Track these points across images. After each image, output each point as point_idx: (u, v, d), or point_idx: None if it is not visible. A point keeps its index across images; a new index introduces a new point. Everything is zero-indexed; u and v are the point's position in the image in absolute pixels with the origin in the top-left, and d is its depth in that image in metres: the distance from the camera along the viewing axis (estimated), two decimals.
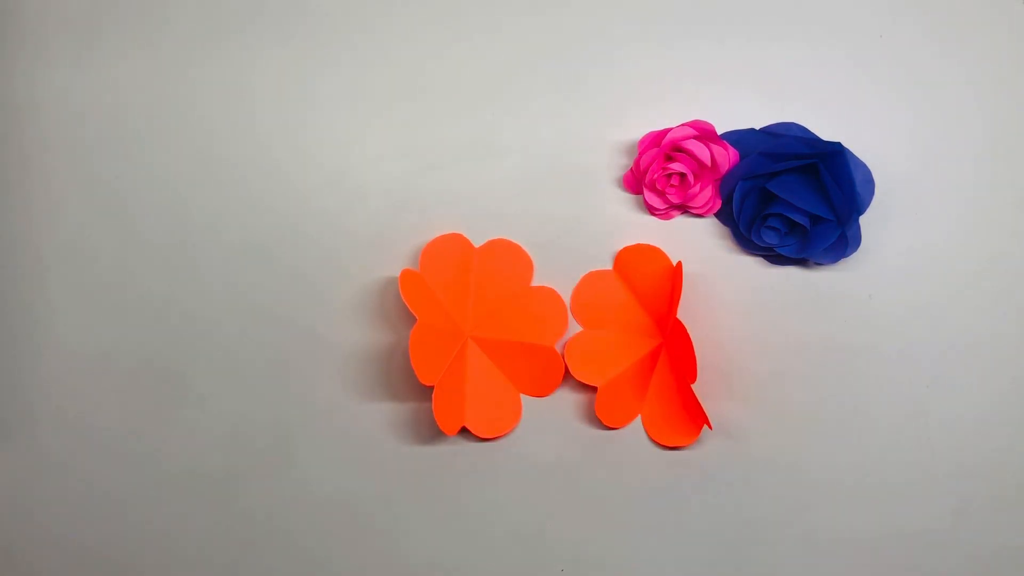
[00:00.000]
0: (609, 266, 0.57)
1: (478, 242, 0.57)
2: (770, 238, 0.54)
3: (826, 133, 0.54)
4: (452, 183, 0.57)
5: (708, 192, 0.55)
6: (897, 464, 0.55)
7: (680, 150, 0.54)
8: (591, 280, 0.57)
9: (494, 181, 0.57)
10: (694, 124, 0.54)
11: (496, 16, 0.57)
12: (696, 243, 0.56)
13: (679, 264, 0.54)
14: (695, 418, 0.54)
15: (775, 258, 0.56)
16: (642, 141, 0.55)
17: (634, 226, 0.57)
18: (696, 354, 0.52)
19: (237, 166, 0.58)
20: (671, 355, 0.55)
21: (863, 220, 0.54)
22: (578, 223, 0.57)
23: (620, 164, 0.57)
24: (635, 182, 0.56)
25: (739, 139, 0.55)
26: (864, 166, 0.53)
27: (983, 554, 0.54)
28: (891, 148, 0.55)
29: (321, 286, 0.57)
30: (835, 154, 0.53)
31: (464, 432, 0.56)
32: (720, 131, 0.55)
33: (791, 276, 0.56)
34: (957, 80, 0.55)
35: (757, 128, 0.55)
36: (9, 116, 0.58)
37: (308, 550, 0.57)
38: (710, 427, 0.54)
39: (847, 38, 0.55)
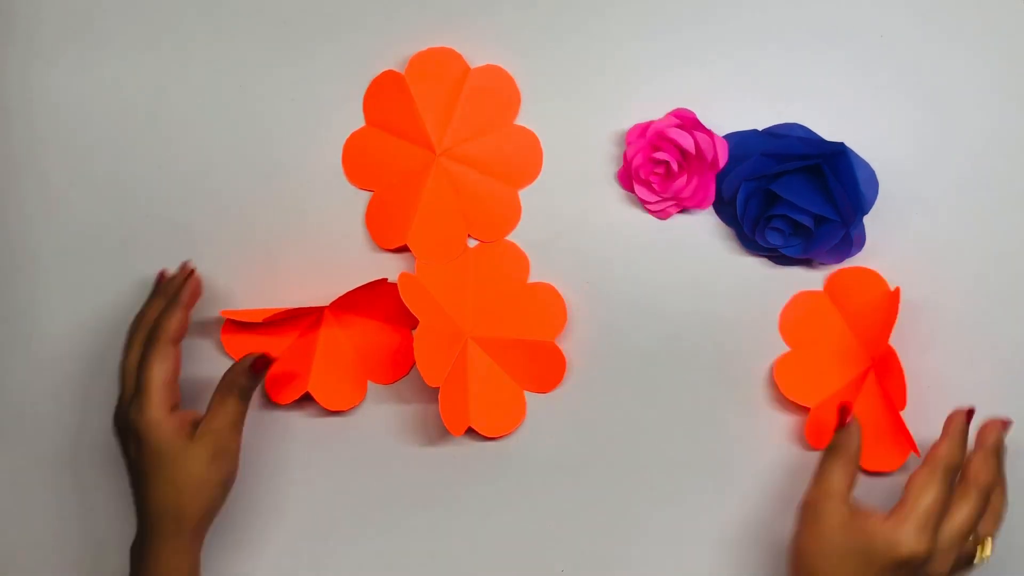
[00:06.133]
0: (611, 266, 0.56)
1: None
2: (774, 239, 0.54)
3: (829, 133, 0.54)
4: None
5: (695, 183, 0.54)
6: None
7: (665, 139, 0.54)
8: (800, 301, 0.56)
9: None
10: (676, 113, 0.54)
11: (496, 15, 0.57)
12: (698, 243, 0.56)
13: (897, 289, 0.54)
14: (902, 444, 0.53)
15: (780, 259, 0.56)
16: (629, 133, 0.55)
17: (635, 226, 0.56)
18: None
19: (236, 165, 0.57)
20: (880, 380, 0.54)
21: (867, 220, 0.54)
22: (578, 223, 0.57)
23: (620, 165, 0.56)
24: (627, 177, 0.56)
25: (741, 140, 0.55)
26: (867, 166, 0.53)
27: None
28: (894, 148, 0.55)
29: (321, 286, 0.57)
30: (838, 154, 0.53)
31: (470, 432, 0.56)
32: (722, 132, 0.55)
33: (796, 276, 0.56)
34: (959, 79, 0.55)
35: (760, 129, 0.55)
36: (8, 116, 0.58)
37: (311, 552, 0.57)
38: (917, 454, 0.52)
39: (848, 38, 0.55)
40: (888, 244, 0.55)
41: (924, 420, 0.53)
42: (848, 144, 0.53)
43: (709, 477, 0.56)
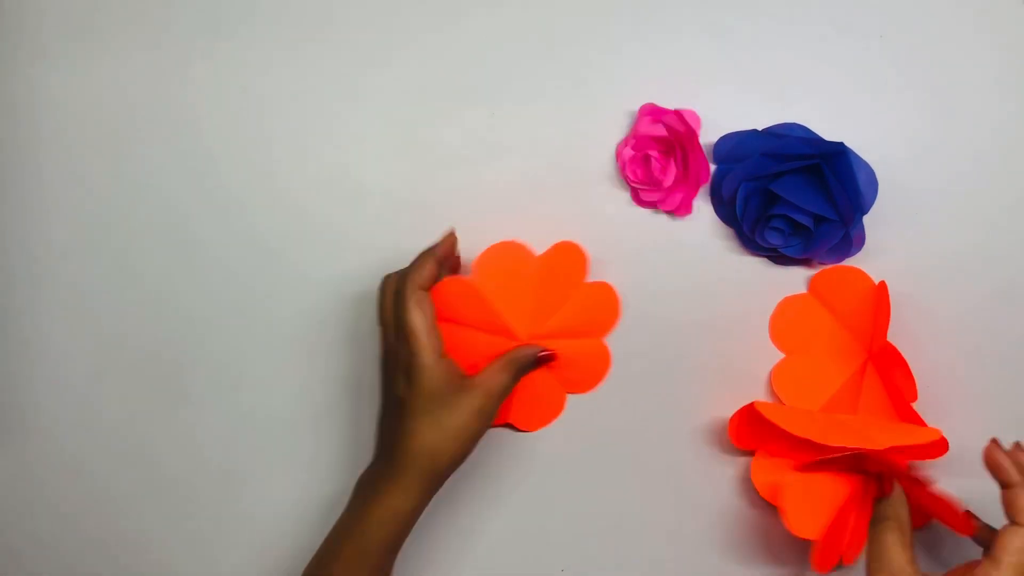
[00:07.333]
0: (614, 267, 0.56)
1: (481, 243, 0.57)
2: (774, 239, 0.54)
3: (829, 133, 0.54)
4: (452, 183, 0.57)
5: (689, 160, 0.54)
6: None
7: (643, 137, 0.55)
8: (787, 306, 0.56)
9: (494, 181, 0.57)
10: (642, 110, 0.55)
11: (498, 15, 0.57)
12: (700, 244, 0.56)
13: (882, 283, 0.53)
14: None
15: (779, 258, 0.56)
16: (618, 147, 0.56)
17: (636, 227, 0.56)
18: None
19: (237, 166, 0.58)
20: (880, 374, 0.54)
21: (866, 220, 0.54)
22: (579, 223, 0.57)
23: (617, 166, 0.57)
24: (634, 190, 0.56)
25: (741, 140, 0.55)
26: (867, 166, 0.53)
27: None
28: (894, 148, 0.55)
29: (320, 286, 0.57)
30: (838, 154, 0.53)
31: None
32: (722, 132, 0.55)
33: (796, 276, 0.56)
34: (959, 79, 0.55)
35: (760, 129, 0.55)
36: (9, 116, 0.58)
37: (309, 551, 0.57)
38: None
39: (848, 38, 0.55)
40: (887, 244, 0.55)
41: (924, 418, 0.53)
42: (848, 144, 0.53)
43: (709, 477, 0.56)
